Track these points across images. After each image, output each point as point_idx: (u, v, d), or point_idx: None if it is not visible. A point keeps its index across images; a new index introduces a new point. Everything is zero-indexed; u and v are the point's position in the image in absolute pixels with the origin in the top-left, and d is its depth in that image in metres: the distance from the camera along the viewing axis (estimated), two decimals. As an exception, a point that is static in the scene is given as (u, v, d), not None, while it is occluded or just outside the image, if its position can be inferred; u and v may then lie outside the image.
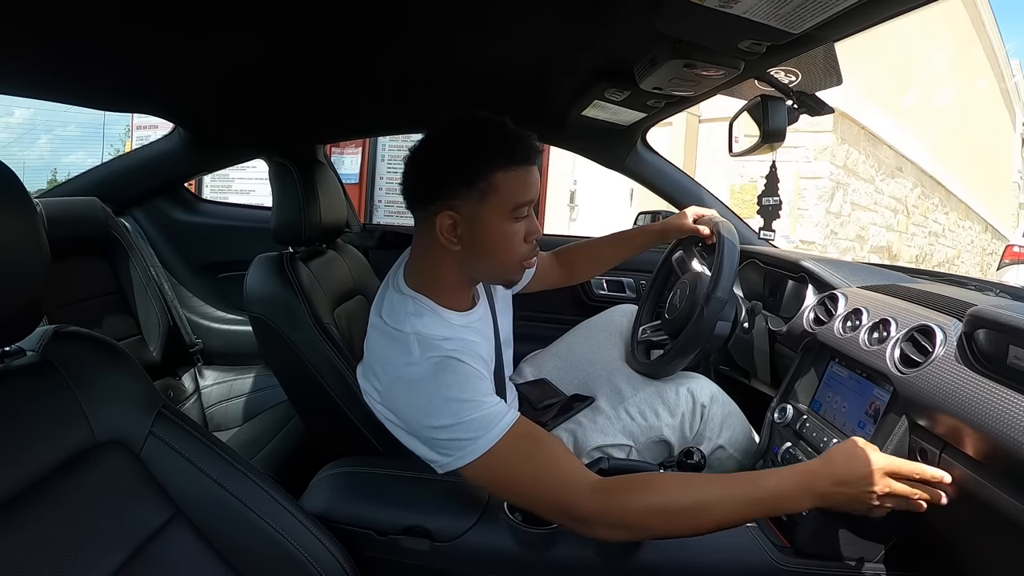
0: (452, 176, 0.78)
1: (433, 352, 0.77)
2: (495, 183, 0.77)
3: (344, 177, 2.60)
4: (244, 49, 0.89)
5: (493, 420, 0.72)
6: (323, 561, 0.67)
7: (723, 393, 1.05)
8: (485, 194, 0.77)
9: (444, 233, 0.79)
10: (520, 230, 0.81)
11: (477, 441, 0.71)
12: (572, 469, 0.72)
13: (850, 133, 5.28)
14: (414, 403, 0.75)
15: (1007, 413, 0.58)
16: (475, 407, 0.73)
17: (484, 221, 0.79)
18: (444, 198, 0.78)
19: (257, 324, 0.99)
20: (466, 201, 0.78)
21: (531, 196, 0.81)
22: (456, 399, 0.73)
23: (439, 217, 0.79)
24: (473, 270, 0.85)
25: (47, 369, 0.58)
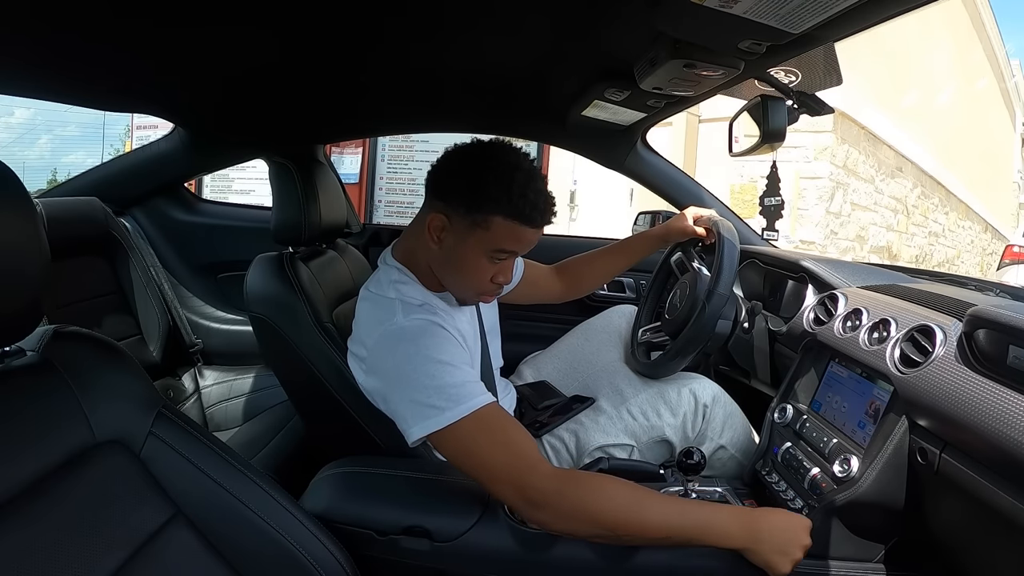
0: (462, 194, 0.82)
1: (416, 315, 0.82)
2: (491, 223, 0.81)
3: (344, 177, 2.61)
4: (244, 49, 0.89)
5: (468, 394, 0.75)
6: (323, 561, 0.67)
7: (724, 393, 1.05)
8: (477, 225, 0.82)
9: (431, 230, 0.85)
10: (491, 270, 0.86)
11: (450, 410, 0.73)
12: (535, 453, 0.75)
13: (850, 133, 5.28)
14: (396, 362, 0.78)
15: (1007, 413, 0.58)
16: (452, 372, 0.76)
17: (465, 244, 0.83)
18: (447, 201, 0.83)
19: (258, 324, 0.99)
20: (461, 220, 0.82)
21: (517, 249, 0.85)
22: (435, 360, 0.76)
23: (434, 215, 0.84)
24: (438, 271, 0.89)
25: (47, 369, 0.58)
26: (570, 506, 0.71)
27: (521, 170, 0.82)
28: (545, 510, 0.71)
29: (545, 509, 0.71)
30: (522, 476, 0.72)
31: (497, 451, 0.73)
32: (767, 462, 0.92)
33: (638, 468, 0.95)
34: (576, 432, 1.02)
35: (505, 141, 0.87)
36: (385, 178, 2.86)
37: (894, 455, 0.71)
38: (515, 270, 1.14)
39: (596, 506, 0.70)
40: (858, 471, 0.74)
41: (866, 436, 0.77)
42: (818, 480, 0.79)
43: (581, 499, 0.70)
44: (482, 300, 0.95)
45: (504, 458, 0.73)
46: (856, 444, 0.78)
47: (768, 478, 0.89)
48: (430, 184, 0.88)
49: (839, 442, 0.81)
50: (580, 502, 0.70)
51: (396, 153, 2.84)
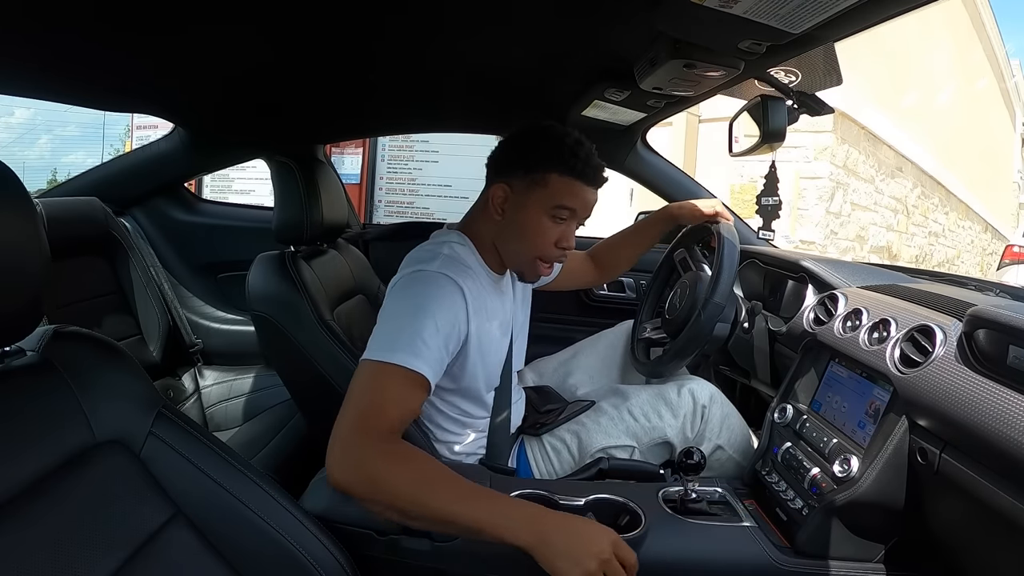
0: (520, 159, 0.90)
1: (447, 270, 0.84)
2: (548, 180, 0.88)
3: (344, 177, 2.61)
4: (244, 49, 0.89)
5: (408, 349, 0.75)
6: (323, 561, 0.67)
7: (721, 394, 1.06)
8: (536, 184, 0.88)
9: (494, 202, 0.91)
10: (554, 232, 0.91)
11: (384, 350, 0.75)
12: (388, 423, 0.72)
13: (850, 133, 5.28)
14: (397, 304, 0.82)
15: (1007, 413, 0.58)
16: (423, 325, 0.78)
17: (527, 207, 0.89)
18: (506, 173, 0.91)
19: (260, 322, 0.99)
20: (520, 183, 0.89)
21: (575, 205, 0.90)
22: (422, 308, 0.79)
23: (496, 187, 0.91)
24: (502, 244, 0.94)
25: (47, 369, 0.58)
26: (369, 474, 0.68)
27: (571, 135, 0.89)
28: (347, 470, 0.68)
29: (347, 469, 0.69)
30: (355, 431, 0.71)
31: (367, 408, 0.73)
32: (767, 462, 0.92)
33: (638, 468, 0.95)
34: (578, 433, 1.02)
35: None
36: (385, 178, 2.86)
37: (894, 455, 0.71)
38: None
39: (390, 484, 0.67)
40: (858, 471, 0.74)
41: (866, 436, 0.77)
42: (818, 480, 0.79)
43: (380, 472, 0.68)
44: (541, 271, 0.96)
45: (357, 410, 0.72)
46: (856, 444, 0.78)
47: (768, 478, 0.89)
48: (493, 165, 0.94)
49: (839, 442, 0.81)
50: (377, 475, 0.68)
51: (396, 153, 2.84)
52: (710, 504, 0.87)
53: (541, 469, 1.02)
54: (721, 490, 0.90)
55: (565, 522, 0.68)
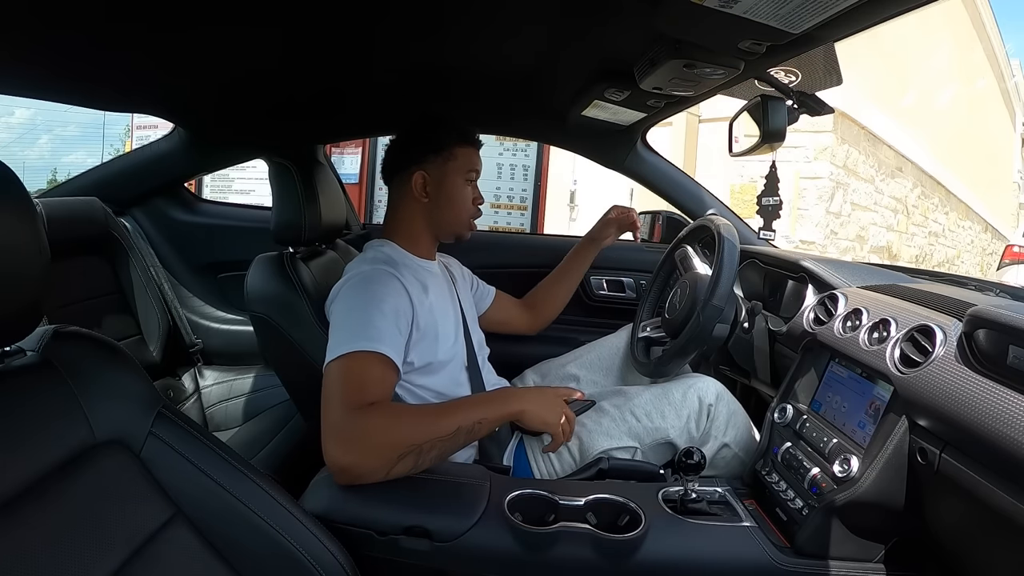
0: (426, 144, 1.05)
1: (380, 264, 0.95)
2: (455, 152, 1.05)
3: (344, 177, 2.61)
4: (244, 49, 0.89)
5: (368, 336, 0.82)
6: (323, 561, 0.67)
7: (727, 391, 1.05)
8: (448, 159, 1.05)
9: (416, 188, 1.04)
10: (470, 193, 1.08)
11: (345, 344, 0.81)
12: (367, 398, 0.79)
13: (850, 133, 5.28)
14: (343, 293, 0.91)
15: (1007, 413, 0.58)
16: (370, 315, 0.85)
17: (447, 179, 1.05)
18: (419, 161, 1.04)
19: (259, 323, 0.99)
20: (433, 164, 1.04)
21: (478, 166, 1.09)
22: (364, 301, 0.87)
23: (414, 176, 1.04)
24: (434, 220, 1.07)
25: (47, 369, 0.58)
26: (375, 440, 0.75)
27: (442, 114, 1.09)
28: (353, 450, 0.75)
29: (352, 448, 0.75)
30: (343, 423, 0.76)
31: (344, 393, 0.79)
32: (767, 462, 0.92)
33: (639, 468, 0.95)
34: (579, 435, 1.02)
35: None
36: (385, 178, 2.85)
37: (894, 455, 0.71)
38: (486, 293, 1.31)
39: (396, 433, 0.76)
40: (858, 471, 0.74)
41: (866, 436, 0.77)
42: (818, 480, 0.79)
43: (382, 430, 0.76)
44: (472, 227, 1.11)
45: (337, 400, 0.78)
46: (856, 444, 0.78)
47: (768, 478, 0.89)
48: (396, 167, 1.07)
49: (839, 442, 0.81)
50: (382, 434, 0.76)
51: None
52: (710, 504, 0.87)
53: (541, 469, 1.02)
54: (721, 490, 0.90)
55: (528, 391, 0.91)
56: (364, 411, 0.77)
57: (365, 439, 0.75)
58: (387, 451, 0.75)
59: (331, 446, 0.75)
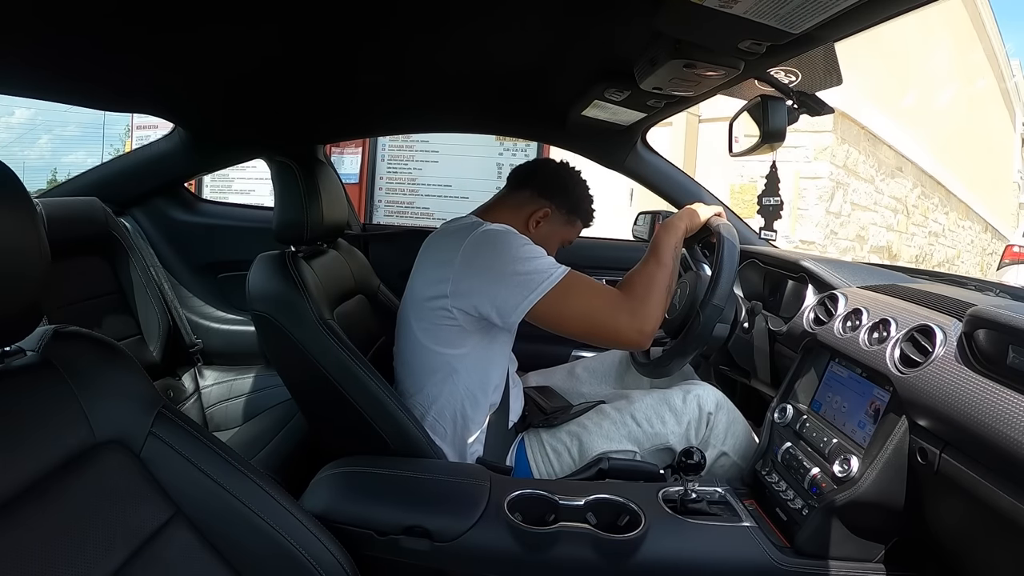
0: (568, 196, 1.14)
1: (490, 225, 0.98)
2: (575, 222, 1.17)
3: (344, 177, 2.61)
4: (244, 49, 0.89)
5: (555, 265, 0.94)
6: (323, 561, 0.67)
7: (727, 400, 1.06)
8: (568, 223, 1.15)
9: (536, 215, 1.10)
10: (555, 248, 1.14)
11: (555, 272, 0.91)
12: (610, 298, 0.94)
13: (850, 133, 5.28)
14: (500, 248, 0.94)
15: (1007, 413, 0.58)
16: (540, 253, 0.95)
17: (555, 233, 1.14)
18: (553, 199, 1.11)
19: (260, 322, 0.99)
20: (560, 213, 1.13)
21: (572, 240, 1.19)
22: (525, 246, 0.94)
23: (543, 207, 1.10)
24: None
25: (47, 369, 0.58)
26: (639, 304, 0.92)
27: (589, 191, 1.18)
28: (639, 318, 0.91)
29: (639, 317, 0.91)
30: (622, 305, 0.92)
31: (596, 296, 0.93)
32: (767, 462, 0.92)
33: (639, 468, 0.95)
34: (579, 436, 1.02)
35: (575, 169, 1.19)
36: (385, 178, 2.86)
37: (894, 455, 0.71)
38: None
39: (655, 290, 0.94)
40: (858, 471, 0.74)
41: (866, 436, 0.77)
42: (818, 480, 0.79)
43: (639, 297, 0.93)
44: None
45: (603, 299, 0.93)
46: (856, 444, 0.78)
47: (768, 478, 0.89)
48: (538, 182, 1.12)
49: (839, 442, 0.81)
50: (642, 298, 0.93)
51: (396, 153, 2.83)
52: (710, 504, 0.87)
53: (541, 469, 1.02)
54: (721, 490, 0.90)
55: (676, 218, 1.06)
56: (624, 287, 0.95)
57: (648, 303, 0.92)
58: (662, 299, 0.94)
59: (632, 321, 0.91)
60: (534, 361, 1.40)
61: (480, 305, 0.92)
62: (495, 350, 1.02)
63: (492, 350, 1.01)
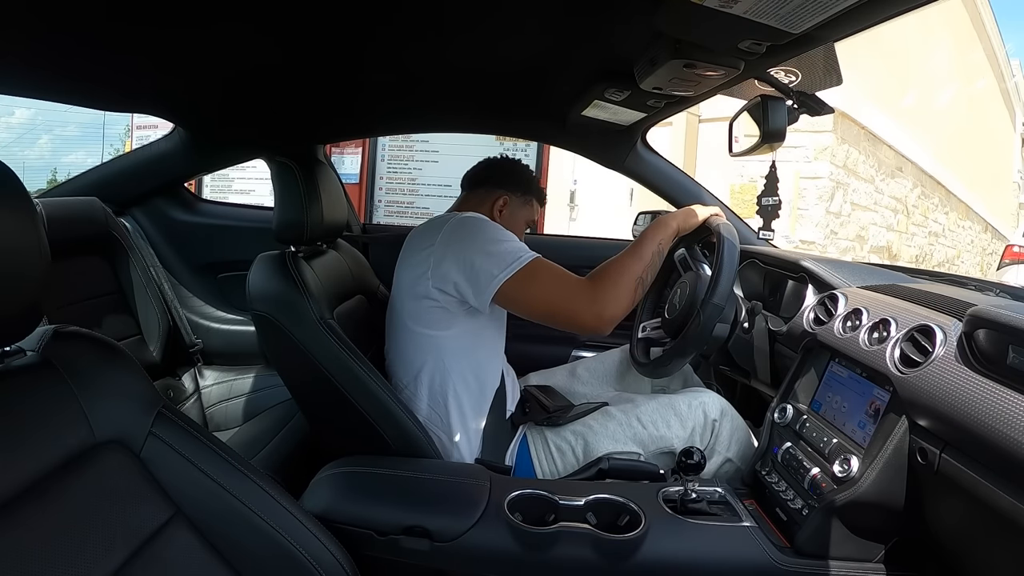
0: (521, 181, 1.24)
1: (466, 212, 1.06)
2: (532, 203, 1.27)
3: (344, 177, 2.60)
4: (244, 49, 0.89)
5: (525, 249, 0.98)
6: (323, 561, 0.67)
7: (731, 407, 1.07)
8: (526, 204, 1.25)
9: (496, 205, 1.20)
10: (523, 229, 1.25)
11: (523, 255, 0.96)
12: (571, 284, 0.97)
13: (850, 133, 5.28)
14: (476, 231, 1.00)
15: (1007, 413, 0.58)
16: (511, 238, 1.00)
17: (517, 216, 1.23)
18: (509, 188, 1.22)
19: (260, 322, 0.99)
20: (517, 199, 1.23)
21: (535, 220, 1.30)
22: (499, 229, 1.01)
23: (501, 197, 1.21)
24: None
25: (47, 369, 0.58)
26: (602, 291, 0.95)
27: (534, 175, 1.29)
28: (599, 303, 0.94)
29: (599, 303, 0.94)
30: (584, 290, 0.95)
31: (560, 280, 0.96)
32: (767, 462, 0.92)
33: (639, 468, 0.95)
34: (584, 436, 1.02)
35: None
36: (385, 178, 2.86)
37: (894, 455, 0.71)
38: None
39: (626, 276, 0.97)
40: (858, 471, 0.74)
41: (866, 436, 0.77)
42: (818, 480, 0.79)
43: (604, 284, 0.96)
44: None
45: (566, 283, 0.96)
46: (856, 444, 0.78)
47: (768, 478, 0.89)
48: (490, 178, 1.24)
49: (839, 442, 0.81)
50: (606, 286, 0.96)
51: (396, 153, 2.84)
52: (710, 504, 0.87)
53: (544, 467, 1.02)
54: (721, 490, 0.90)
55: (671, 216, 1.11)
56: (591, 278, 0.97)
57: (612, 291, 0.95)
58: (629, 287, 0.96)
59: (593, 307, 0.94)
60: (534, 362, 1.40)
61: (459, 283, 0.97)
62: (485, 337, 1.06)
63: (482, 336, 1.05)
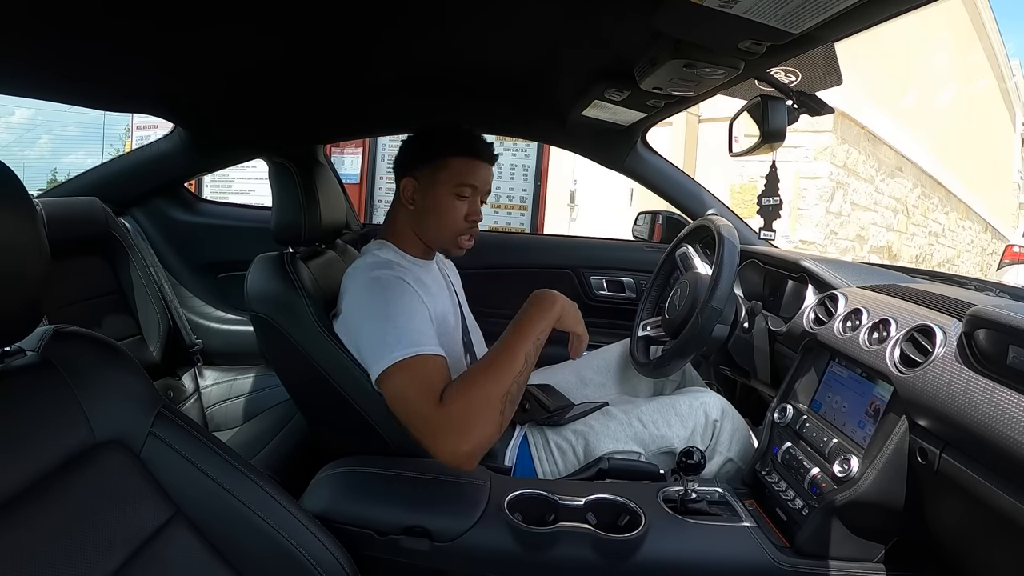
0: (421, 151, 1.02)
1: (381, 270, 0.94)
2: (448, 163, 1.00)
3: (344, 177, 2.61)
4: (244, 50, 0.89)
5: (413, 341, 0.85)
6: (323, 561, 0.67)
7: (731, 407, 1.06)
8: (438, 170, 1.00)
9: (405, 194, 1.02)
10: (462, 207, 1.01)
11: (395, 350, 0.83)
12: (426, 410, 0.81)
13: (850, 133, 5.28)
14: (362, 303, 0.91)
15: (1007, 413, 0.58)
16: (404, 322, 0.87)
17: (434, 191, 1.00)
18: (411, 168, 1.02)
19: (259, 323, 0.99)
20: (424, 173, 1.01)
21: (475, 181, 1.01)
22: (390, 310, 0.88)
23: (404, 181, 1.02)
24: (422, 231, 1.04)
25: (47, 369, 0.58)
26: (465, 424, 0.79)
27: (454, 124, 1.03)
28: (459, 439, 0.79)
29: (457, 439, 0.79)
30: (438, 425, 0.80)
31: (417, 404, 0.82)
32: (767, 462, 0.92)
33: (639, 468, 0.95)
34: (585, 435, 1.02)
35: None
36: (385, 178, 2.86)
37: (894, 455, 0.71)
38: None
39: (486, 396, 0.81)
40: (858, 471, 0.74)
41: (866, 436, 0.77)
42: (818, 480, 0.79)
43: (470, 412, 0.80)
44: (462, 244, 1.04)
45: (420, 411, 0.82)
46: (856, 444, 0.78)
47: (768, 478, 0.89)
48: (397, 167, 1.06)
49: (839, 442, 0.81)
50: (471, 414, 0.79)
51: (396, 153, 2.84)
52: (710, 504, 0.87)
53: (545, 467, 1.02)
54: (721, 490, 0.90)
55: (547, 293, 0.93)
56: (447, 399, 0.81)
57: (468, 418, 0.79)
58: (491, 415, 0.80)
59: (444, 442, 0.79)
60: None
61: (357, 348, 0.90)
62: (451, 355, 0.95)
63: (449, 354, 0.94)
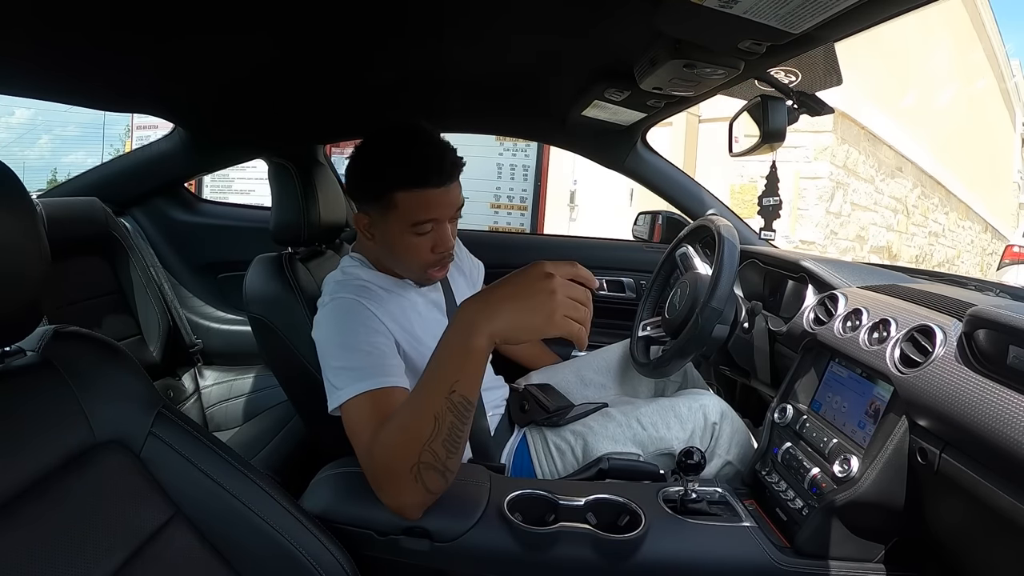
0: (362, 190, 0.90)
1: (342, 293, 0.88)
2: (396, 201, 0.85)
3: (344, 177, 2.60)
4: (244, 51, 0.89)
5: (360, 376, 0.78)
6: (323, 561, 0.67)
7: (731, 410, 1.06)
8: (387, 209, 0.87)
9: (362, 229, 0.93)
10: (423, 243, 0.88)
11: (342, 388, 0.78)
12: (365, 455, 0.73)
13: (850, 133, 5.28)
14: (319, 326, 0.87)
15: (1007, 413, 0.58)
16: (357, 356, 0.80)
17: (388, 230, 0.89)
18: (360, 202, 0.92)
19: (256, 324, 0.99)
20: (374, 210, 0.89)
21: (432, 215, 0.86)
22: (345, 342, 0.82)
23: (358, 216, 0.92)
24: (387, 262, 0.96)
25: (47, 369, 0.58)
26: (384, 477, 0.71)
27: (400, 139, 0.87)
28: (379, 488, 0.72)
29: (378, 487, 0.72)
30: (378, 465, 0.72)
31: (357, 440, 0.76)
32: (767, 462, 0.92)
33: (639, 468, 0.95)
34: (584, 436, 1.02)
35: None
36: (385, 178, 2.85)
37: (894, 455, 0.71)
38: None
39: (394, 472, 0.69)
40: (858, 471, 0.74)
41: (866, 436, 0.77)
42: (818, 480, 0.79)
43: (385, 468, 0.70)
44: (434, 275, 0.95)
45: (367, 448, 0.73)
46: (856, 444, 0.78)
47: (768, 478, 0.89)
48: (350, 196, 0.96)
49: (839, 442, 0.81)
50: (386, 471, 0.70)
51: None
52: (710, 504, 0.87)
53: (544, 467, 1.03)
54: (721, 490, 0.90)
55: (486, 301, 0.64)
56: (375, 445, 0.72)
57: (389, 479, 0.71)
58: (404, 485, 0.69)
59: (379, 492, 0.73)
60: None
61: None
62: None
63: None
